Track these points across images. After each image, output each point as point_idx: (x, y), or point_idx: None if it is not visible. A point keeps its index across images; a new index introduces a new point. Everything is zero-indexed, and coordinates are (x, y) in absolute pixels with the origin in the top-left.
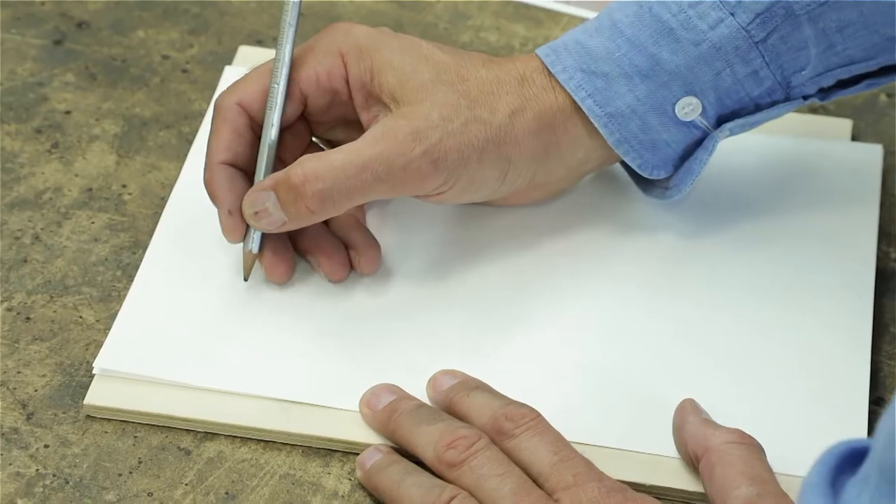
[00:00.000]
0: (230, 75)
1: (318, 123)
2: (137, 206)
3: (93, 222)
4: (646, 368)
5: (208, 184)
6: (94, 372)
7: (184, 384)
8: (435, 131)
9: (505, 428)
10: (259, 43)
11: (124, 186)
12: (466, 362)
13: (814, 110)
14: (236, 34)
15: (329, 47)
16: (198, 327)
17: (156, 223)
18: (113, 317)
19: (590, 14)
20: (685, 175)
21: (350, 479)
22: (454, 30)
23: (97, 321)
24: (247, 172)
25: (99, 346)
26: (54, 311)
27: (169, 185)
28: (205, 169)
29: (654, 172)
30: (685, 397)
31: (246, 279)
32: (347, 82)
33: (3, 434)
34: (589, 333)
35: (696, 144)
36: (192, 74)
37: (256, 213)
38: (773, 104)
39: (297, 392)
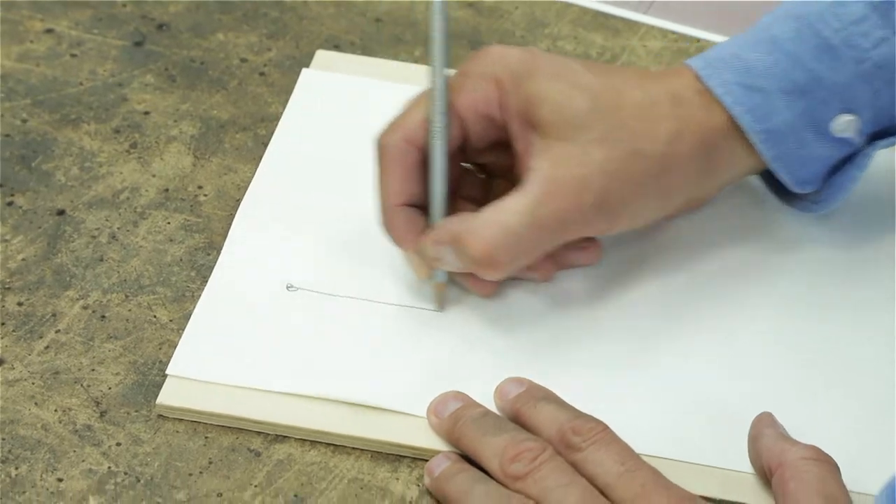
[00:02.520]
0: (307, 78)
1: (471, 149)
2: (213, 207)
3: (168, 223)
4: (722, 381)
5: (389, 228)
6: (167, 373)
7: (255, 387)
8: (599, 177)
9: (573, 442)
10: (336, 48)
11: (200, 188)
12: (536, 371)
13: None
14: (314, 38)
15: (484, 73)
16: (269, 330)
17: (230, 225)
18: (186, 317)
19: (668, 25)
20: (836, 191)
21: (418, 485)
22: (531, 37)
23: (171, 321)
24: (423, 208)
25: (172, 345)
26: (129, 311)
27: (244, 187)
28: (381, 212)
29: (805, 187)
30: (761, 411)
31: (439, 310)
32: (501, 108)
33: (76, 431)
34: (662, 345)
35: (846, 159)
36: (270, 78)
37: (436, 259)
38: None
39: (367, 396)
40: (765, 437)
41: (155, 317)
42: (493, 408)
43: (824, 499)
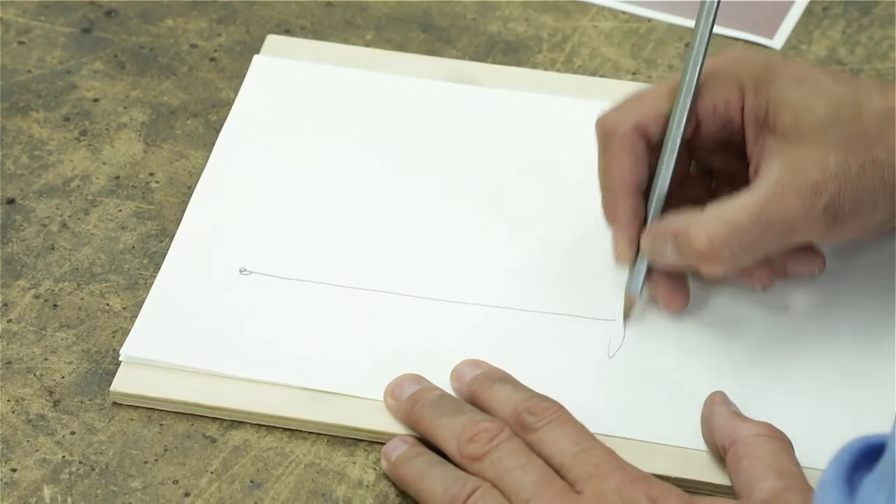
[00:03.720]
0: (259, 65)
1: (698, 148)
2: (165, 194)
3: (120, 210)
4: (674, 361)
5: (613, 214)
6: (120, 359)
7: (210, 372)
8: (833, 182)
9: (527, 422)
10: (287, 32)
11: (152, 174)
12: (491, 352)
13: None
14: (264, 23)
15: (728, 75)
16: (224, 316)
17: (183, 211)
18: (139, 305)
19: (619, 5)
20: None
21: (375, 469)
22: (482, 20)
23: (124, 309)
24: (644, 195)
25: (125, 333)
26: (81, 299)
27: (196, 174)
28: (605, 196)
29: None
30: (714, 390)
31: (624, 324)
32: (742, 112)
33: (29, 421)
34: (616, 326)
35: None
36: (220, 63)
37: (655, 253)
38: None
39: (323, 381)
40: (717, 416)
41: (108, 305)
42: (449, 390)
43: (778, 474)
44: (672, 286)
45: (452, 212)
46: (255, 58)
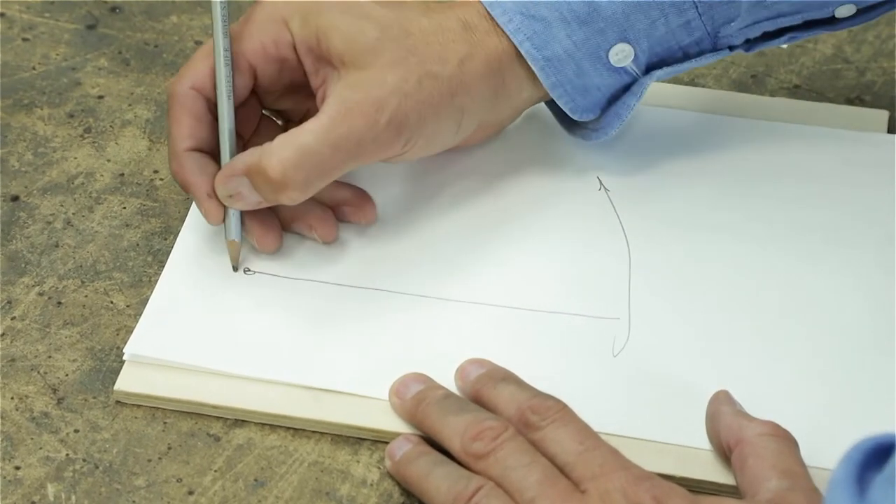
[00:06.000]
0: None
1: (266, 94)
2: (169, 191)
3: (124, 207)
4: (678, 360)
5: (177, 172)
6: (124, 358)
7: (213, 371)
8: (394, 97)
9: (531, 421)
10: None
11: (156, 172)
12: (496, 350)
13: (850, 101)
14: None
15: (271, 16)
16: (228, 314)
17: (186, 209)
18: (143, 302)
19: None
20: (612, 119)
21: (379, 468)
22: None
23: (128, 307)
24: (213, 155)
25: (129, 331)
26: (85, 297)
27: None
28: (171, 158)
29: (583, 115)
30: (719, 388)
31: (235, 269)
32: (294, 49)
33: (33, 418)
34: (621, 324)
35: (624, 89)
36: None
37: (231, 196)
38: (700, 53)
39: (327, 380)
40: (722, 415)
41: (112, 302)
42: (454, 389)
43: (782, 473)
44: (264, 226)
45: (457, 211)
46: None
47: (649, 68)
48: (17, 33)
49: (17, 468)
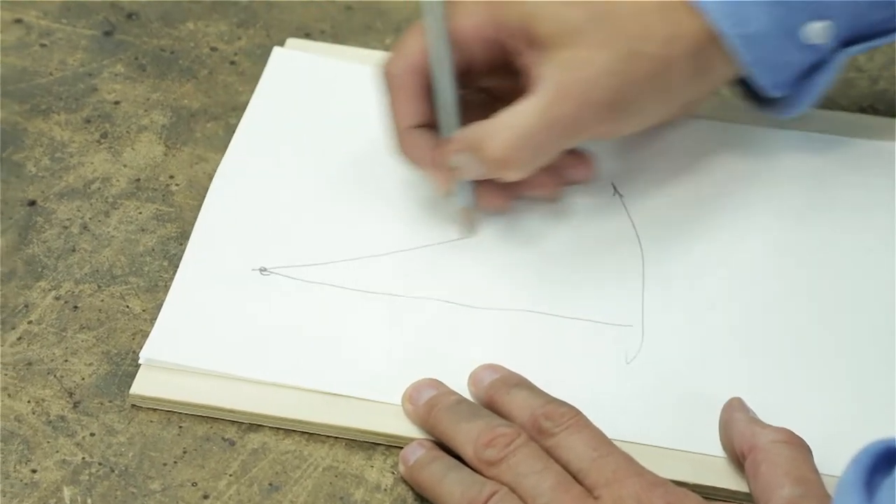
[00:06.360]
0: (278, 56)
1: (475, 73)
2: (184, 196)
3: (140, 212)
4: (691, 366)
5: (403, 150)
6: (139, 362)
7: (229, 375)
8: (605, 77)
9: (545, 427)
10: (307, 35)
11: (172, 177)
12: (509, 356)
13: (863, 110)
14: (284, 27)
15: None
16: (243, 318)
17: None
18: (159, 307)
19: None
20: (806, 95)
21: (393, 473)
22: None
23: (143, 311)
24: (432, 128)
25: (145, 335)
26: (101, 301)
27: None
28: (393, 137)
29: (778, 91)
30: (732, 396)
31: (469, 236)
32: (501, 29)
33: (49, 422)
34: (634, 331)
35: (814, 66)
36: (240, 66)
37: (458, 168)
38: (892, 30)
39: (341, 385)
40: (736, 422)
41: (127, 307)
42: (467, 395)
43: (795, 481)
44: (493, 189)
45: (473, 216)
46: (275, 49)
47: (845, 44)
48: (35, 39)
49: (34, 471)
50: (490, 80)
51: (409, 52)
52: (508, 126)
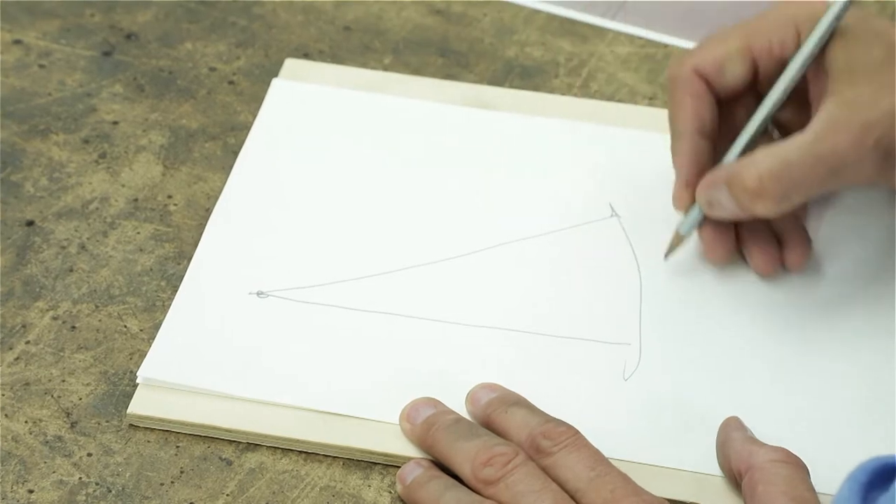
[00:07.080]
0: (278, 89)
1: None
2: (183, 216)
3: (138, 232)
4: (689, 385)
5: (677, 153)
6: (137, 381)
7: (226, 394)
8: (886, 120)
9: (543, 446)
10: (305, 56)
11: (170, 197)
12: (506, 375)
13: None
14: (283, 47)
15: (785, 17)
16: (241, 338)
17: (200, 234)
18: (157, 327)
19: (636, 31)
20: None
21: (390, 492)
22: (500, 45)
23: (141, 331)
24: (712, 139)
25: (143, 355)
26: (99, 321)
27: (214, 197)
28: (673, 138)
29: None
30: (729, 415)
31: (665, 258)
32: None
33: (47, 442)
34: (631, 350)
35: None
36: (239, 87)
37: (710, 203)
38: None
39: (339, 404)
40: (733, 441)
41: (125, 327)
42: (465, 414)
43: (793, 501)
44: (718, 235)
45: (469, 236)
46: (274, 81)
47: None
48: (34, 60)
49: (31, 492)
50: (786, 112)
51: (698, 56)
52: (769, 155)
